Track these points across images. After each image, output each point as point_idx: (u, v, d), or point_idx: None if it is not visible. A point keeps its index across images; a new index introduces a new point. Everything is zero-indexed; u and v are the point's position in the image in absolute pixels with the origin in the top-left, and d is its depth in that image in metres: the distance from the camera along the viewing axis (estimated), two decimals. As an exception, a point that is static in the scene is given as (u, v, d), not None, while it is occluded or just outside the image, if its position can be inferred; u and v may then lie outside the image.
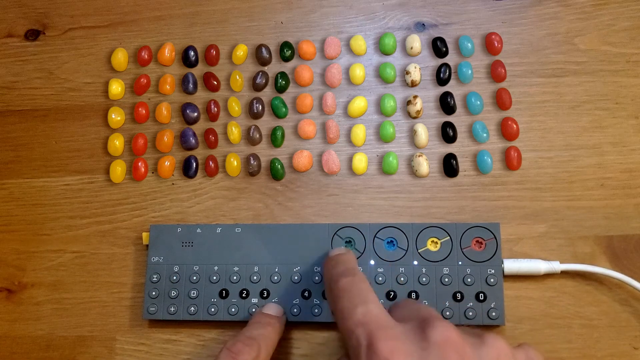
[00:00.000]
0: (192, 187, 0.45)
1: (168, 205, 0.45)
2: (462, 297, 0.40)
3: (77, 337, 0.43)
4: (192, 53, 0.47)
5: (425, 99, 0.45)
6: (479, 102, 0.44)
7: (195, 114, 0.46)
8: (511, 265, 0.40)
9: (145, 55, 0.48)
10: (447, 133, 0.44)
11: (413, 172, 0.44)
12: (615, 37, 0.44)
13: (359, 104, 0.45)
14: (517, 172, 0.43)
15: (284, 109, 0.46)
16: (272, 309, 0.39)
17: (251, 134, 0.45)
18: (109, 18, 0.49)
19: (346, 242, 0.42)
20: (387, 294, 0.40)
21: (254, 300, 0.41)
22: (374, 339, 0.28)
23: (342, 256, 0.36)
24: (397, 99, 0.45)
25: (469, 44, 0.45)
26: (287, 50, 0.46)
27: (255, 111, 0.46)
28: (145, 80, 0.47)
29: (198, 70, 0.47)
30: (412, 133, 0.44)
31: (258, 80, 0.46)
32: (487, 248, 0.40)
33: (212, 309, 0.41)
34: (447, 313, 0.40)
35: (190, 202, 0.45)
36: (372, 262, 0.41)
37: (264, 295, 0.41)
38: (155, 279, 0.42)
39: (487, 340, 0.29)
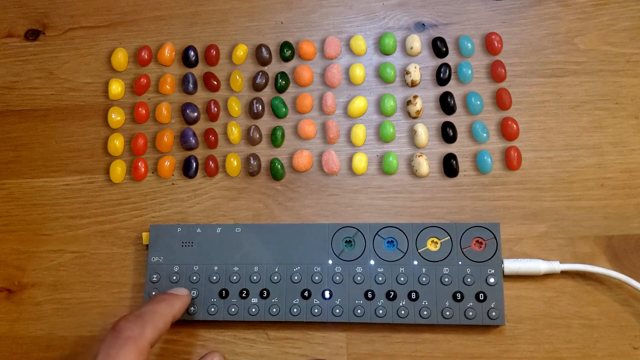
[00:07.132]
0: (192, 187, 0.45)
1: (168, 205, 0.45)
2: (462, 297, 0.40)
3: (77, 337, 0.43)
4: (192, 53, 0.47)
5: (425, 99, 0.45)
6: (479, 102, 0.44)
7: (195, 114, 0.46)
8: (511, 265, 0.40)
9: (145, 55, 0.48)
10: (447, 133, 0.44)
11: (413, 172, 0.44)
12: (615, 37, 0.44)
13: (359, 104, 0.45)
14: (517, 172, 0.43)
15: (284, 109, 0.46)
16: (174, 289, 0.40)
17: (251, 134, 0.45)
18: (109, 18, 0.49)
19: (346, 242, 0.42)
20: (387, 294, 0.40)
21: (254, 300, 0.41)
22: None
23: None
24: (397, 99, 0.45)
25: (469, 44, 0.45)
26: (287, 50, 0.46)
27: (255, 111, 0.46)
28: (145, 80, 0.47)
29: (198, 70, 0.47)
30: (412, 133, 0.44)
31: (258, 80, 0.46)
32: (487, 248, 0.40)
33: (212, 309, 0.41)
34: (447, 313, 0.40)
35: (190, 202, 0.45)
36: (372, 262, 0.41)
37: (264, 295, 0.41)
38: (155, 279, 0.42)
39: None
